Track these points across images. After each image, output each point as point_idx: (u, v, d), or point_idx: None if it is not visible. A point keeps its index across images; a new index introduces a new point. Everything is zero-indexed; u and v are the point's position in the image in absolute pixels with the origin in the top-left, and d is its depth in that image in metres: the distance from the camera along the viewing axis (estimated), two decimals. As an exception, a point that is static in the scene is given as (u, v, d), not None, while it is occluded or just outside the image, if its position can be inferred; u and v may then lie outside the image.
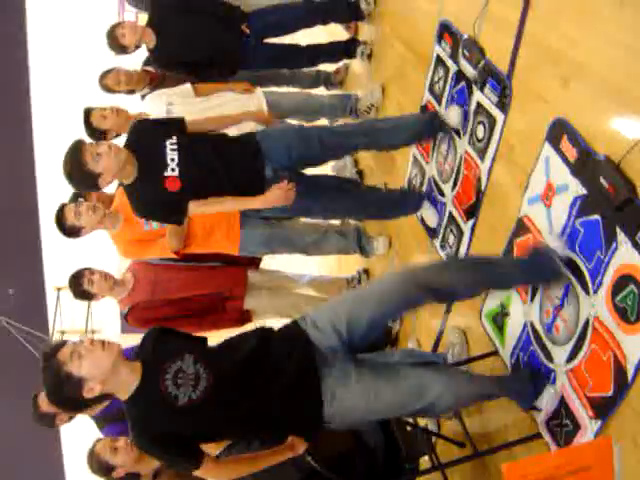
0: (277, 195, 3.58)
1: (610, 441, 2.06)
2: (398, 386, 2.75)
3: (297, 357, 2.73)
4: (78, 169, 3.43)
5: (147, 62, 4.99)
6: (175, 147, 3.54)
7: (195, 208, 3.63)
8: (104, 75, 4.70)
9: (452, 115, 3.78)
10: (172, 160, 3.52)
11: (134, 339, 4.69)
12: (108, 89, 4.71)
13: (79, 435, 4.34)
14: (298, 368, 2.71)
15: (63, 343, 2.66)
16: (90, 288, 4.30)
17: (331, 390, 2.70)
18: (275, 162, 3.76)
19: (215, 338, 2.97)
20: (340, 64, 5.54)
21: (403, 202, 4.26)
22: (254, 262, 4.88)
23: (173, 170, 3.51)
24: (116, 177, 3.52)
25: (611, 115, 2.59)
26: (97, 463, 3.54)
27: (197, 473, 2.70)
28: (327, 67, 5.55)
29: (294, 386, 2.69)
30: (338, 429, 2.81)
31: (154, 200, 3.59)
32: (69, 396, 2.61)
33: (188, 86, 4.72)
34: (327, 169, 5.40)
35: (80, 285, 4.30)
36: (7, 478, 13.13)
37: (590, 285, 2.61)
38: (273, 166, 3.76)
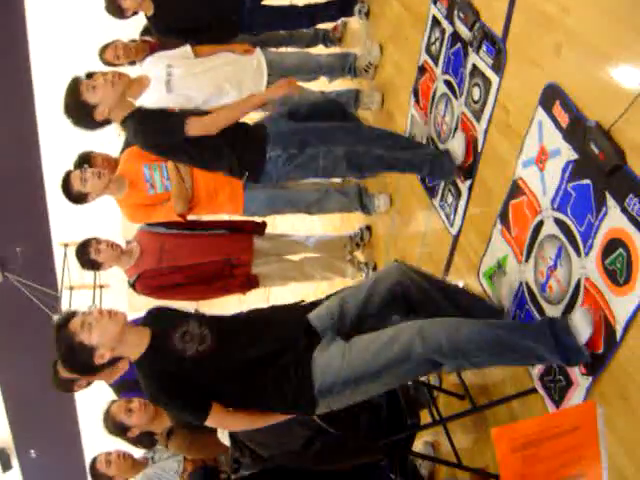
0: (281, 85, 3.68)
1: (594, 404, 2.17)
2: (374, 336, 2.77)
3: (294, 330, 2.89)
4: (73, 100, 3.53)
5: (145, 32, 5.03)
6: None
7: (205, 120, 3.55)
8: (103, 50, 4.76)
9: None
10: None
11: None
12: (108, 63, 4.76)
13: (94, 396, 4.47)
14: (292, 337, 2.86)
15: (73, 314, 2.80)
16: (97, 257, 4.40)
17: (317, 356, 2.78)
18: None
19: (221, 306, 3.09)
20: (338, 21, 5.55)
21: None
22: (259, 228, 4.94)
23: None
24: (113, 111, 3.56)
25: (602, 82, 2.64)
26: (112, 424, 3.69)
27: (207, 422, 2.80)
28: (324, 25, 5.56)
29: (286, 350, 2.81)
30: (324, 402, 2.80)
31: (160, 114, 3.63)
32: (82, 362, 2.78)
33: (187, 48, 4.76)
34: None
35: (87, 254, 4.40)
36: (22, 436, 13.41)
37: (581, 247, 2.70)
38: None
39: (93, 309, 2.84)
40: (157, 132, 3.60)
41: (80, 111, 3.55)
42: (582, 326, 2.61)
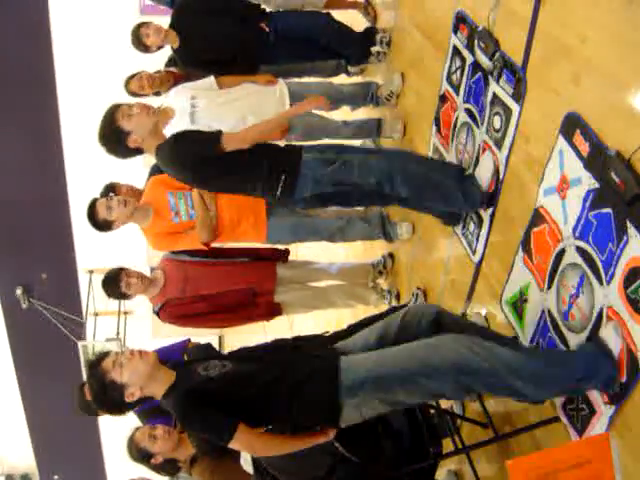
0: (309, 101, 3.82)
1: (608, 436, 2.18)
2: (412, 343, 2.81)
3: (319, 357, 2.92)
4: (108, 126, 3.62)
5: (169, 63, 5.11)
6: None
7: (240, 134, 3.65)
8: (128, 81, 4.87)
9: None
10: None
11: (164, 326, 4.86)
12: (133, 94, 4.86)
13: (117, 422, 4.50)
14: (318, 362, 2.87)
15: (106, 354, 2.90)
16: (127, 291, 4.48)
17: (344, 361, 2.80)
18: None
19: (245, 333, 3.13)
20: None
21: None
22: (283, 256, 4.97)
23: None
24: (146, 140, 3.65)
25: (621, 110, 2.66)
26: (136, 451, 3.72)
27: (233, 443, 2.79)
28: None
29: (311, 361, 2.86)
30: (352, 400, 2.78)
31: (190, 137, 3.71)
32: (113, 400, 2.86)
33: (211, 79, 4.82)
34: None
35: (119, 288, 4.48)
36: (46, 461, 13.44)
37: (603, 276, 2.71)
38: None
39: (125, 349, 2.91)
40: (193, 146, 3.63)
41: (114, 137, 3.64)
42: (613, 339, 2.61)
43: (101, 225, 4.36)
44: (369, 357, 2.79)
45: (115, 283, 4.48)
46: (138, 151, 3.72)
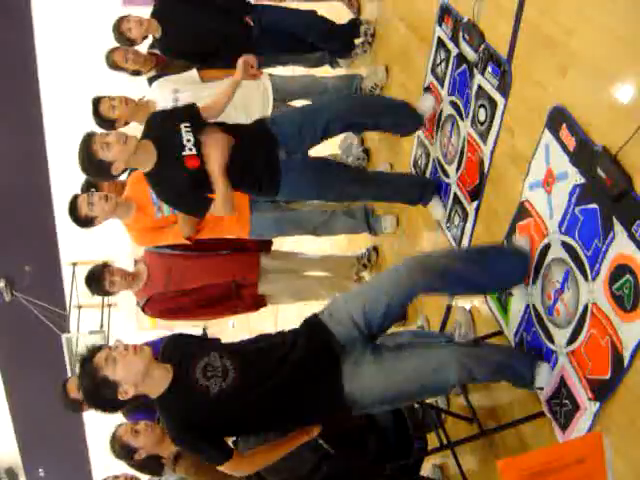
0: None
1: (601, 435, 2.16)
2: (415, 362, 2.86)
3: (315, 345, 2.87)
4: (90, 160, 3.56)
5: (153, 45, 5.03)
6: (189, 129, 3.65)
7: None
8: (112, 51, 4.76)
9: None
10: (188, 141, 3.61)
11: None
12: (115, 65, 4.76)
13: (102, 415, 4.47)
14: (316, 355, 2.85)
15: (99, 348, 2.78)
16: (111, 289, 4.47)
17: (350, 374, 2.81)
18: (287, 143, 3.84)
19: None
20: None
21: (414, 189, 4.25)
22: (265, 247, 4.94)
23: (190, 150, 3.60)
24: (131, 165, 3.63)
25: (608, 104, 2.63)
26: (119, 446, 3.67)
27: (223, 467, 2.81)
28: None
29: (313, 371, 2.82)
30: (359, 412, 2.90)
31: (179, 184, 3.65)
32: (105, 398, 2.75)
33: (194, 72, 4.78)
34: (335, 149, 5.48)
35: (103, 287, 4.46)
36: (31, 454, 13.39)
37: (589, 272, 2.69)
38: (286, 149, 3.83)
39: (119, 343, 2.80)
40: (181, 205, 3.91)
41: (97, 169, 3.60)
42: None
43: (83, 221, 4.30)
44: (373, 384, 2.83)
45: (99, 282, 4.45)
46: (124, 171, 3.73)
